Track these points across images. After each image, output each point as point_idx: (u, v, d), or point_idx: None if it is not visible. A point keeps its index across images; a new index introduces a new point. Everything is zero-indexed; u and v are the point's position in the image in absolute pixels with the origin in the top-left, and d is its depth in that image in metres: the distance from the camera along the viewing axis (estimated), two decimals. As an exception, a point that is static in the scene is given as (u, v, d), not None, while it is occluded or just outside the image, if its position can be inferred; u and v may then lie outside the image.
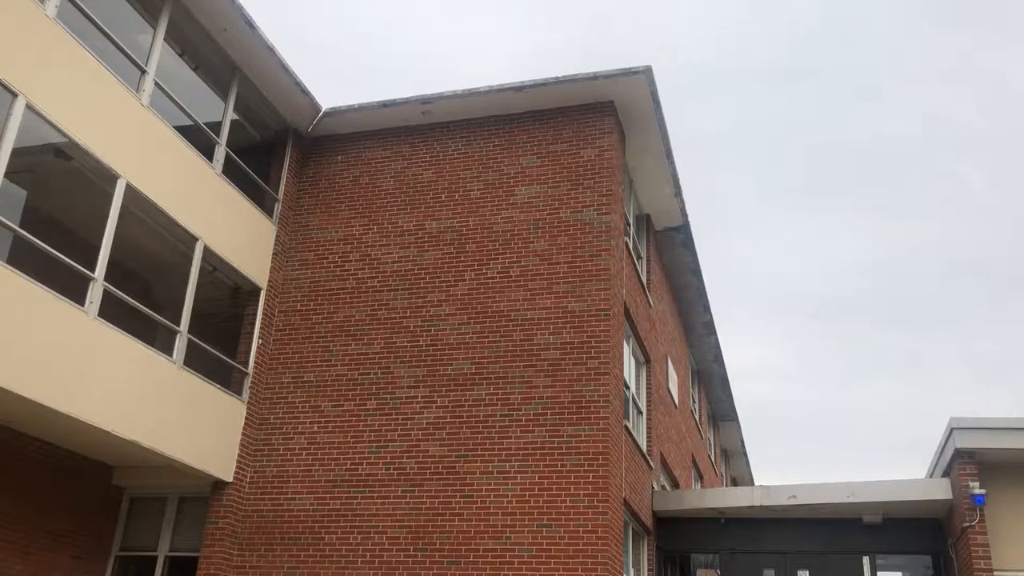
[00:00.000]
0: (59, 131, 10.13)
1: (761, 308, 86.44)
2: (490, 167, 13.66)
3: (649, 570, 13.95)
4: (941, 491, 12.55)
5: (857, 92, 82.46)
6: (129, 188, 11.06)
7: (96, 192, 11.07)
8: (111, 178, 10.89)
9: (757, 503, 13.65)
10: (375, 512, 12.00)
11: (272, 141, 14.57)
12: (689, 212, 16.37)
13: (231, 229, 12.96)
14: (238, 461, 12.61)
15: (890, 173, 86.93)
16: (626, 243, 13.84)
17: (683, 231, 16.86)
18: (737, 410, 25.96)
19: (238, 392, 12.91)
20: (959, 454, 11.91)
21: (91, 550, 12.47)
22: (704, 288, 18.97)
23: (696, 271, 18.25)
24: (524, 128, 13.71)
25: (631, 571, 12.92)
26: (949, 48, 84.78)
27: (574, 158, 13.28)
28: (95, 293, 10.44)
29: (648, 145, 14.25)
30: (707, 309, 19.82)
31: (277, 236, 13.98)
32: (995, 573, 11.35)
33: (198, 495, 12.76)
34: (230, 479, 12.45)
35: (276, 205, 14.12)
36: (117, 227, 10.88)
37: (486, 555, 11.35)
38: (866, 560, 13.43)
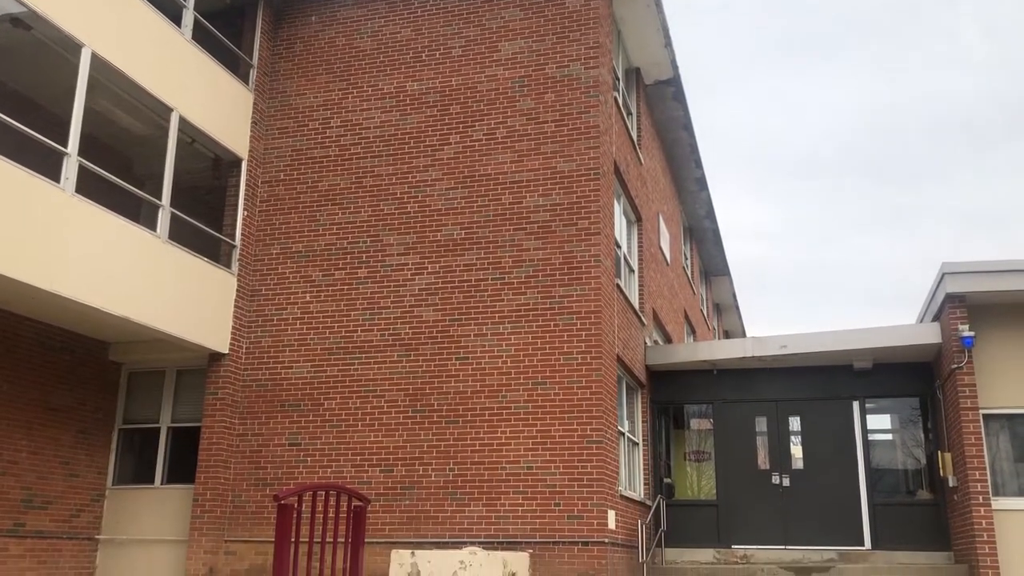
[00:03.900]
0: (14, -2, 9.61)
1: (749, 168, 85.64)
2: (471, 22, 13.10)
3: (643, 421, 14.29)
4: (931, 335, 12.71)
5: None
6: (95, 58, 10.59)
7: (62, 64, 10.63)
8: (75, 47, 10.41)
9: (749, 354, 13.86)
10: (372, 377, 12.15)
11: (242, 3, 13.90)
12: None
13: (206, 98, 12.53)
14: (232, 333, 12.66)
15: (880, 29, 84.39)
16: (615, 98, 13.45)
17: (674, 84, 16.37)
18: (729, 265, 26.05)
19: (227, 265, 12.82)
20: (950, 298, 11.98)
21: (94, 424, 12.70)
22: (696, 143, 18.60)
23: (687, 126, 17.85)
24: (505, -21, 13.06)
25: (625, 423, 13.22)
26: None
27: (559, 9, 12.72)
28: (70, 169, 10.15)
29: (635, -7, 13.63)
30: (699, 164, 19.52)
31: (255, 104, 13.54)
32: (981, 411, 11.65)
33: (196, 367, 12.88)
34: (226, 351, 12.54)
35: (251, 71, 13.61)
36: (87, 100, 10.50)
37: (483, 413, 11.57)
38: (855, 404, 13.76)
